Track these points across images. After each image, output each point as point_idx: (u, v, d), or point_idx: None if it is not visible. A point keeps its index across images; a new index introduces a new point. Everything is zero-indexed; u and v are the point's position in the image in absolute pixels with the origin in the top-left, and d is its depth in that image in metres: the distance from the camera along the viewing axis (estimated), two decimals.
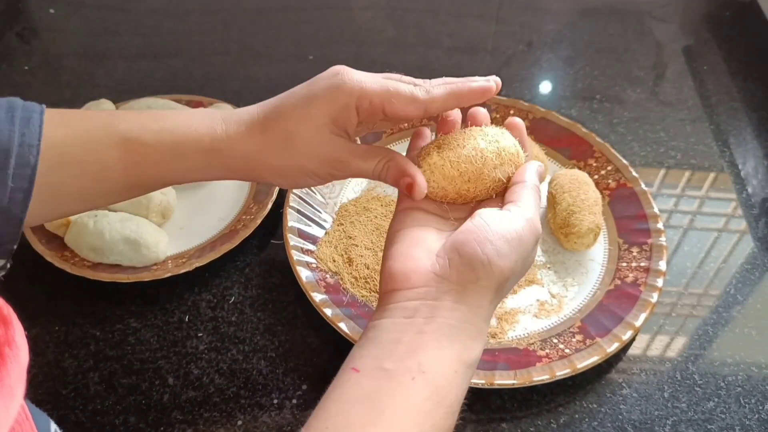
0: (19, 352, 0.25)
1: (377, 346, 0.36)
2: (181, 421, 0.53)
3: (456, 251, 0.38)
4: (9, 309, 0.26)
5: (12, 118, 0.40)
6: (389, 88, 0.41)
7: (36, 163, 0.39)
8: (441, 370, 0.35)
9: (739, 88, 0.87)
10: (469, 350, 0.37)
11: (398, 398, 0.33)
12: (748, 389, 0.57)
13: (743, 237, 0.69)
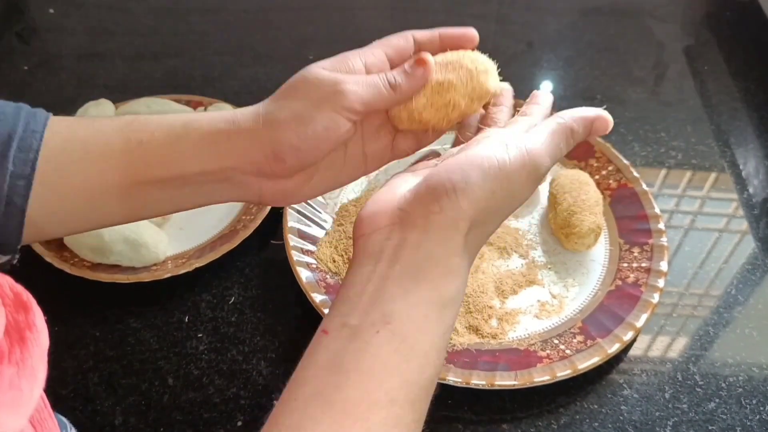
0: (39, 335, 0.26)
1: (344, 302, 0.34)
2: (181, 422, 0.53)
3: (424, 181, 0.35)
4: (29, 295, 0.27)
5: (18, 111, 0.39)
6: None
7: (39, 147, 0.38)
8: (407, 318, 0.32)
9: (740, 88, 0.87)
10: (439, 289, 0.33)
11: (362, 357, 0.31)
12: (749, 390, 0.57)
13: (744, 237, 0.69)
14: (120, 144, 0.40)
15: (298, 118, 0.39)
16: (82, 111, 0.73)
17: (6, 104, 0.40)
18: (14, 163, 0.37)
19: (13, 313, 0.25)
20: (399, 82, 0.41)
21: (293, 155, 0.40)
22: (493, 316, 0.60)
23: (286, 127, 0.39)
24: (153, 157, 0.40)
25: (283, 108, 0.40)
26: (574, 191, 0.65)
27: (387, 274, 0.33)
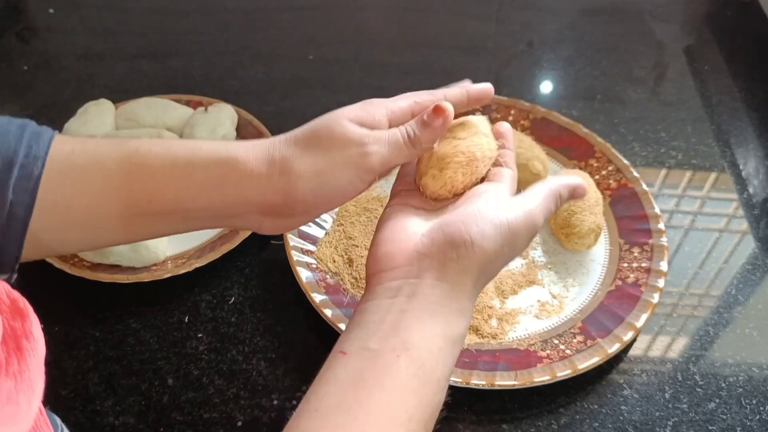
0: (37, 344, 0.26)
1: (363, 328, 0.36)
2: (180, 422, 0.53)
3: (441, 230, 0.38)
4: (25, 302, 0.27)
5: (22, 132, 0.39)
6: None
7: (40, 174, 0.38)
8: (425, 346, 0.35)
9: (740, 88, 0.87)
10: (452, 326, 0.37)
11: (384, 377, 0.34)
12: (749, 390, 0.57)
13: (744, 237, 0.69)
14: (121, 178, 0.39)
15: (318, 177, 0.39)
16: (82, 111, 0.73)
17: (10, 123, 0.39)
18: (14, 191, 0.37)
19: (9, 320, 0.25)
20: (418, 136, 0.41)
21: (305, 207, 0.40)
22: (493, 316, 0.60)
23: (303, 182, 0.39)
24: (155, 194, 0.40)
25: (302, 160, 0.39)
26: None
27: (405, 307, 0.36)
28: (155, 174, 0.39)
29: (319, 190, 0.39)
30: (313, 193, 0.39)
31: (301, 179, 0.39)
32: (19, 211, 0.37)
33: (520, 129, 0.75)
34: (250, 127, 0.75)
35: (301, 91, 0.85)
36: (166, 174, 0.39)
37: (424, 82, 0.86)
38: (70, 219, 0.39)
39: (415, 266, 0.37)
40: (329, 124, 0.40)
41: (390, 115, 0.42)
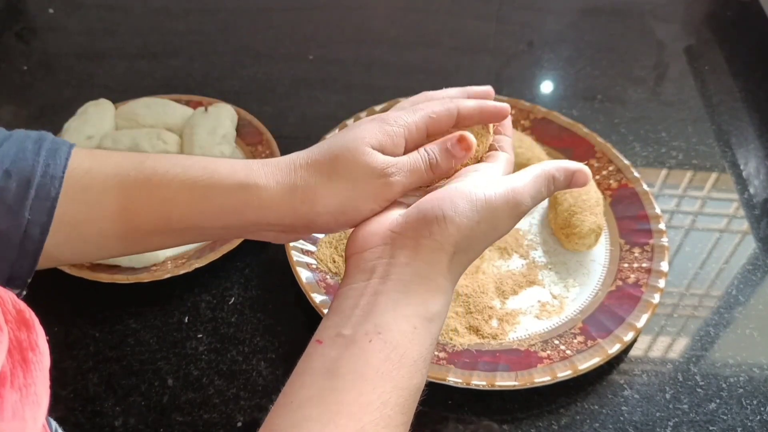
0: (42, 357, 0.25)
1: (338, 314, 0.36)
2: (180, 423, 0.53)
3: (416, 207, 0.38)
4: (31, 313, 0.26)
5: (39, 149, 0.39)
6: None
7: (57, 195, 0.38)
8: (398, 328, 0.35)
9: (741, 88, 0.87)
10: (427, 305, 0.36)
11: (357, 363, 0.33)
12: (749, 390, 0.56)
13: (745, 238, 0.69)
14: (140, 201, 0.39)
15: (341, 207, 0.39)
16: (82, 111, 0.73)
17: (27, 138, 0.39)
18: (31, 211, 0.37)
19: (15, 331, 0.24)
20: (439, 162, 0.41)
21: (324, 230, 0.41)
22: (494, 317, 0.60)
23: (326, 212, 0.39)
24: (173, 216, 0.40)
25: (326, 190, 0.39)
26: (575, 191, 0.65)
27: (378, 289, 0.36)
28: (175, 198, 0.39)
29: (342, 218, 0.40)
30: (335, 221, 0.40)
31: (324, 209, 0.39)
32: (35, 231, 0.37)
33: (521, 129, 0.74)
34: (250, 127, 0.75)
35: (301, 91, 0.85)
36: (185, 198, 0.39)
37: (424, 82, 0.86)
38: (83, 236, 0.40)
39: (389, 246, 0.37)
40: (351, 152, 0.39)
41: (407, 136, 0.41)
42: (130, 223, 0.40)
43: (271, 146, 0.72)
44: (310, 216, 0.39)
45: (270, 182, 0.39)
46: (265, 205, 0.39)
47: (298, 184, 0.39)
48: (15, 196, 0.37)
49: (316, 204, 0.39)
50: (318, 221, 0.40)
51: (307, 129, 0.78)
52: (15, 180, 0.37)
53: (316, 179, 0.39)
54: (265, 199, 0.39)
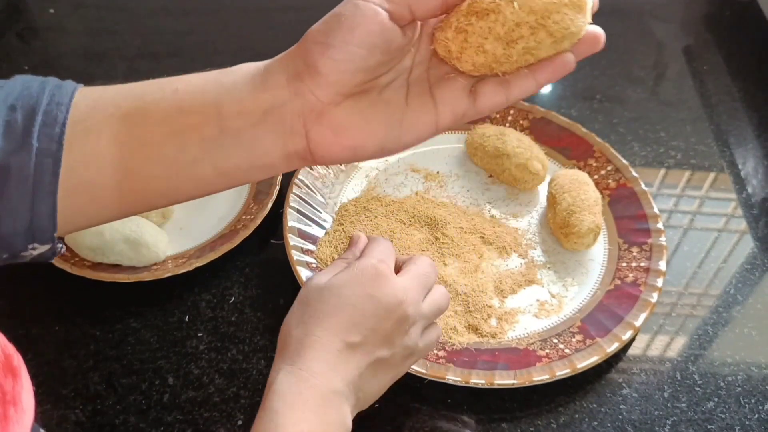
0: (23, 415, 0.23)
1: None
2: (181, 421, 0.53)
3: None
4: (20, 360, 0.25)
5: (44, 84, 0.37)
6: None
7: (65, 120, 0.35)
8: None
9: (740, 88, 0.87)
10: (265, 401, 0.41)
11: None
12: (748, 389, 0.57)
13: (743, 237, 0.69)
14: (153, 94, 0.37)
15: (326, 17, 0.37)
16: None
17: (33, 79, 0.37)
18: (39, 139, 0.34)
19: (1, 378, 0.23)
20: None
21: (324, 55, 0.35)
22: (493, 316, 0.60)
23: (314, 30, 0.37)
24: (189, 101, 0.37)
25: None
26: (573, 191, 0.65)
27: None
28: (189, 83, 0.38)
29: (329, 23, 0.37)
30: (324, 27, 0.37)
31: (311, 29, 0.38)
32: (47, 162, 0.34)
33: (520, 129, 0.75)
34: None
35: None
36: (200, 80, 0.38)
37: None
38: (82, 185, 0.36)
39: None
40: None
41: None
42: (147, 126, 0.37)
43: None
44: (302, 44, 0.38)
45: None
46: (270, 65, 0.39)
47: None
48: (22, 127, 0.34)
49: (307, 33, 0.38)
50: (309, 41, 0.37)
51: None
52: (20, 112, 0.35)
53: None
54: (270, 61, 0.39)
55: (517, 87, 0.38)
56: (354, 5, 0.35)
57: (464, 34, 0.35)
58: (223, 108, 0.37)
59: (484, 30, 0.34)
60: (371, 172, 0.72)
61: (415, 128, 0.38)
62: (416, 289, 0.46)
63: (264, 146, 0.37)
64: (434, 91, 0.38)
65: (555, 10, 0.34)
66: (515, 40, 0.34)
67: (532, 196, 0.71)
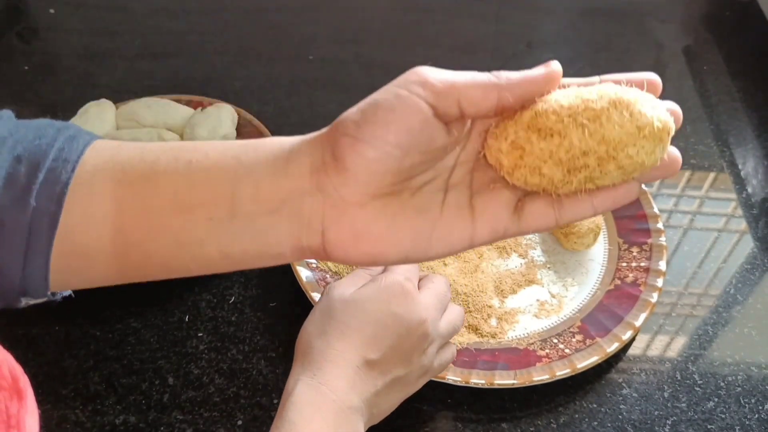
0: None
1: None
2: (181, 421, 0.53)
3: None
4: (26, 381, 0.24)
5: (57, 134, 0.34)
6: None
7: (68, 180, 0.32)
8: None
9: (739, 88, 0.87)
10: (281, 409, 0.41)
11: None
12: (748, 389, 0.57)
13: (743, 237, 0.69)
14: (166, 164, 0.34)
15: (362, 104, 0.32)
16: (83, 111, 0.73)
17: (50, 125, 0.35)
18: (38, 197, 0.32)
19: (6, 400, 0.22)
20: (508, 75, 0.31)
21: (355, 151, 0.30)
22: (493, 316, 0.60)
23: (349, 119, 0.31)
24: (202, 178, 0.33)
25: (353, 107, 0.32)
26: None
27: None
28: (206, 157, 0.34)
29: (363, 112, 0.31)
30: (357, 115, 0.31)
31: (344, 115, 0.32)
32: (43, 222, 0.32)
33: None
34: (250, 127, 0.75)
35: (301, 91, 0.85)
36: (218, 154, 0.34)
37: None
38: (77, 247, 0.34)
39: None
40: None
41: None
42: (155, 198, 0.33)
43: None
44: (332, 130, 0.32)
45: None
46: (296, 147, 0.33)
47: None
48: (24, 182, 0.32)
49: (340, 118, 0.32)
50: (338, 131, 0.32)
51: (307, 129, 0.77)
52: (25, 164, 0.32)
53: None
54: (298, 141, 0.34)
55: (570, 211, 0.32)
56: (395, 95, 0.30)
57: (520, 151, 0.30)
58: (238, 190, 0.33)
59: (545, 152, 0.30)
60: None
61: (446, 242, 0.33)
62: (436, 307, 0.47)
63: (276, 236, 0.33)
64: (475, 201, 0.33)
65: (631, 143, 0.29)
66: (578, 168, 0.30)
67: None
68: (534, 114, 0.30)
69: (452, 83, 0.30)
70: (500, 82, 0.30)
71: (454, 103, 0.30)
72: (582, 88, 0.31)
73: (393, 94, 0.31)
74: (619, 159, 0.29)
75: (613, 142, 0.29)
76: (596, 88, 0.30)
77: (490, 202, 0.33)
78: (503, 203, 0.33)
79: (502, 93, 0.30)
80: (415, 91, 0.30)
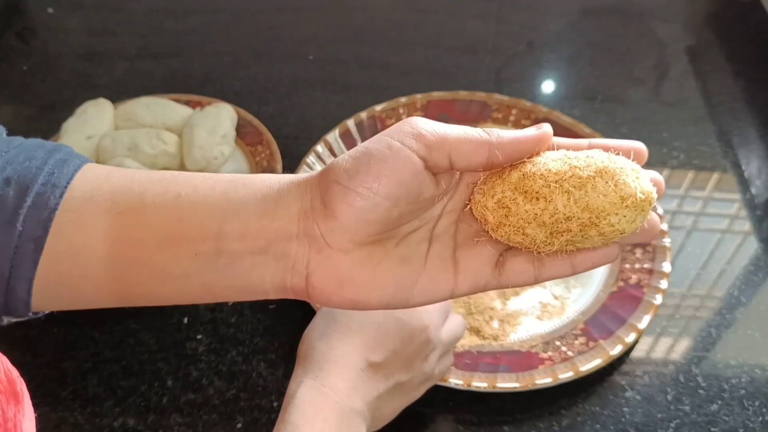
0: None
1: None
2: (180, 424, 0.53)
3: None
4: (23, 385, 0.24)
5: (48, 158, 0.34)
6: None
7: (56, 206, 0.32)
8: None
9: (742, 88, 0.87)
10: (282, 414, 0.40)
11: None
12: (751, 392, 0.56)
13: (747, 238, 0.69)
14: (154, 196, 0.34)
15: (354, 152, 0.32)
16: (81, 110, 0.73)
17: (40, 146, 0.35)
18: (25, 222, 0.32)
19: (3, 404, 0.22)
20: (499, 134, 0.32)
21: (345, 201, 0.31)
22: (495, 318, 0.60)
23: (340, 165, 0.32)
24: (190, 213, 0.33)
25: (346, 153, 0.33)
26: None
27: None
28: (195, 191, 0.34)
29: (354, 161, 0.32)
30: (348, 164, 0.32)
31: (336, 162, 0.33)
32: (28, 248, 0.32)
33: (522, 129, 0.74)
34: (250, 127, 0.75)
35: (301, 91, 0.85)
36: (207, 188, 0.34)
37: (424, 82, 0.86)
38: (69, 276, 0.34)
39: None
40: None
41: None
42: (140, 231, 0.34)
43: (271, 146, 0.72)
44: (323, 177, 0.33)
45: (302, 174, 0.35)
46: (286, 188, 0.33)
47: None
48: (12, 205, 0.32)
49: (331, 164, 0.33)
50: (330, 178, 0.32)
51: (307, 129, 0.78)
52: (14, 187, 0.33)
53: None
54: (288, 180, 0.34)
55: (550, 269, 0.34)
56: (387, 146, 0.31)
57: (506, 210, 0.32)
58: (225, 227, 0.33)
59: (530, 214, 0.31)
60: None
61: (428, 293, 0.34)
62: (438, 314, 0.47)
63: (260, 275, 0.34)
64: (458, 254, 0.34)
65: (614, 212, 0.30)
66: (561, 232, 0.31)
67: None
68: (522, 175, 0.32)
69: (444, 137, 0.31)
70: (491, 140, 0.32)
71: (445, 157, 0.32)
72: (571, 152, 0.32)
73: (386, 145, 0.31)
74: (601, 226, 0.31)
75: (596, 211, 0.30)
76: (584, 155, 0.32)
77: (474, 257, 0.34)
78: (486, 259, 0.34)
79: (493, 151, 0.32)
80: (407, 143, 0.31)
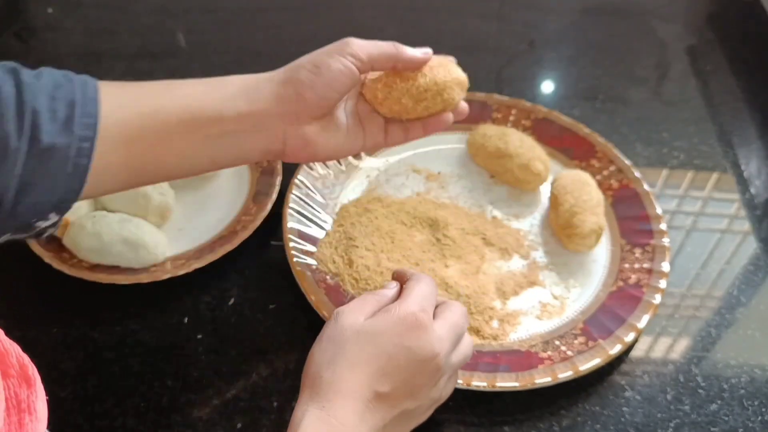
0: (38, 424, 0.24)
1: None
2: (179, 424, 0.53)
3: None
4: (34, 369, 0.25)
5: (71, 80, 0.44)
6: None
7: (97, 113, 0.43)
8: None
9: (743, 88, 0.87)
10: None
11: None
12: (751, 392, 0.56)
13: (746, 238, 0.69)
14: (166, 98, 0.47)
15: (313, 62, 0.48)
16: None
17: (52, 72, 0.44)
18: (79, 127, 0.42)
19: (16, 387, 0.24)
20: (403, 47, 0.51)
21: (312, 92, 0.48)
22: (494, 317, 0.60)
23: (304, 69, 0.48)
24: (197, 107, 0.47)
25: (301, 60, 0.49)
26: (576, 191, 0.64)
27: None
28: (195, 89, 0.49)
29: (317, 71, 0.48)
30: (314, 74, 0.48)
31: (302, 69, 0.48)
32: (86, 145, 0.43)
33: (522, 129, 0.74)
34: None
35: None
36: (205, 84, 0.49)
37: None
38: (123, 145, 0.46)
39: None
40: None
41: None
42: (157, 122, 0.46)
43: None
44: (294, 79, 0.48)
45: (265, 73, 0.50)
46: (263, 83, 0.49)
47: (284, 67, 0.50)
48: (65, 116, 0.42)
49: (296, 67, 0.49)
50: (301, 81, 0.48)
51: None
52: (61, 102, 0.42)
53: (295, 62, 0.50)
54: (263, 78, 0.49)
55: (412, 132, 0.55)
56: (338, 60, 0.48)
57: (389, 89, 0.51)
58: (224, 114, 0.47)
59: (403, 90, 0.51)
60: (371, 173, 0.72)
61: (352, 146, 0.53)
62: (450, 340, 0.46)
63: (252, 145, 0.49)
64: (364, 123, 0.53)
65: (449, 87, 0.52)
66: (421, 101, 0.52)
67: (534, 196, 0.70)
68: (398, 72, 0.52)
69: (370, 54, 0.49)
70: (399, 55, 0.51)
71: (370, 66, 0.50)
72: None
73: (336, 59, 0.48)
74: (443, 95, 0.52)
75: (441, 84, 0.52)
76: (436, 58, 0.53)
77: (372, 125, 0.54)
78: (378, 126, 0.54)
79: (396, 63, 0.51)
80: (349, 60, 0.48)
